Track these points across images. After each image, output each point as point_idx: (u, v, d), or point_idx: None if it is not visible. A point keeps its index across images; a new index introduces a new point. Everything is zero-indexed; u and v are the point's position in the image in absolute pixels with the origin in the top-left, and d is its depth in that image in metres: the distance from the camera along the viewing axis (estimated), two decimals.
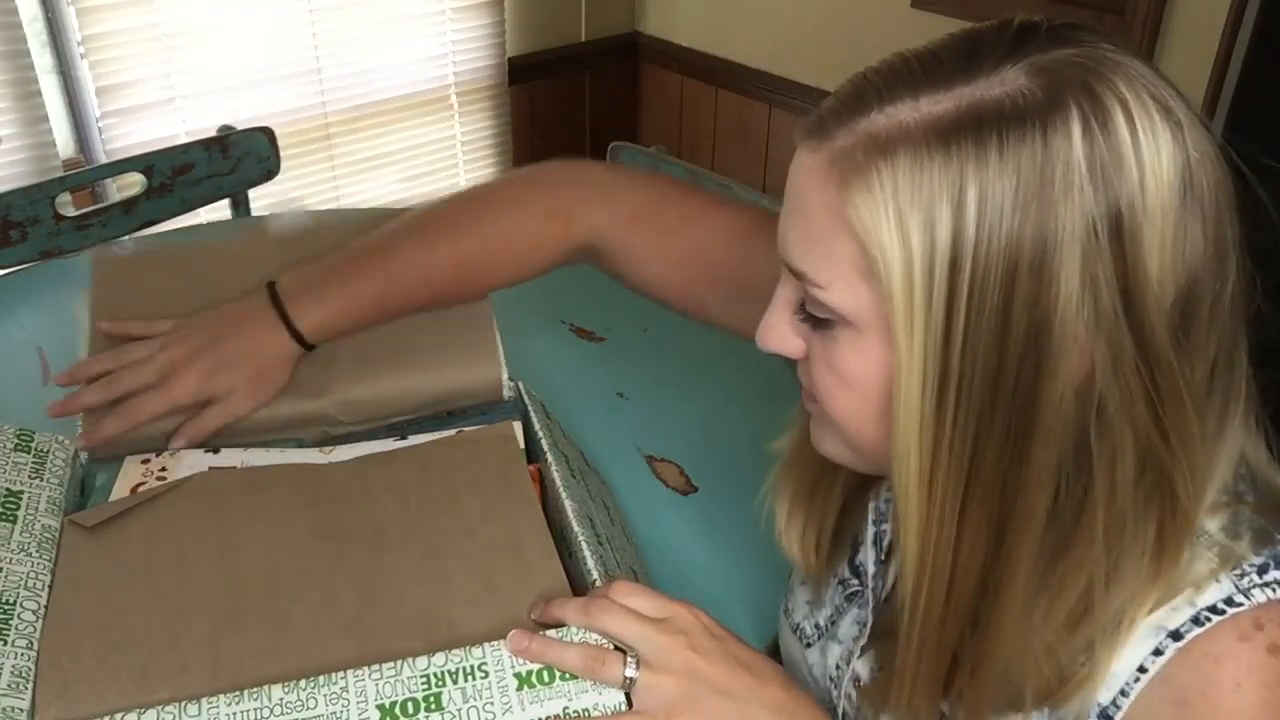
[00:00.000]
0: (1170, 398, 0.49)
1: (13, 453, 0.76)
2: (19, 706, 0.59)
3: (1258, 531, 0.53)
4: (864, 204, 0.48)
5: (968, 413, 0.50)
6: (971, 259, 0.47)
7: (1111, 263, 0.47)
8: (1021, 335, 0.48)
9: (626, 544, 0.79)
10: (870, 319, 0.51)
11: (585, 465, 0.84)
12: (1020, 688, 0.55)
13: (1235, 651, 0.51)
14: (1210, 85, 1.69)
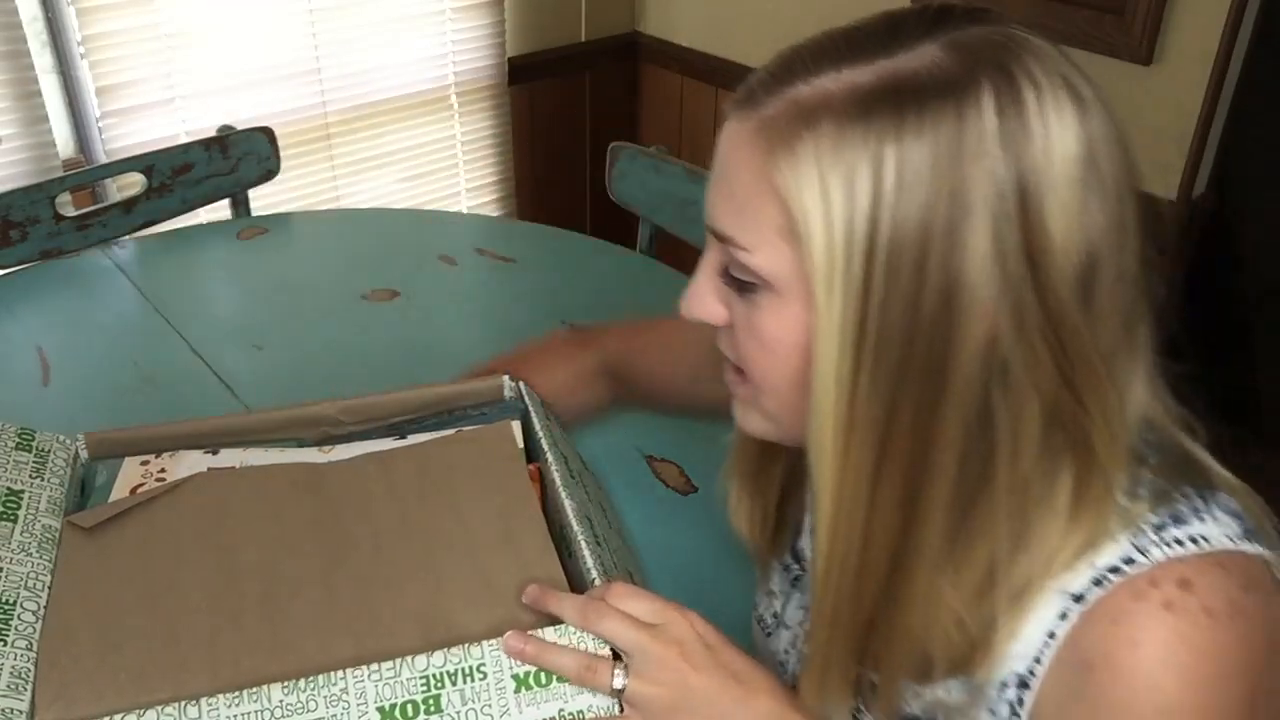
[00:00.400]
0: (1079, 360, 0.52)
1: (13, 452, 0.76)
2: (18, 708, 0.59)
3: (1156, 492, 0.55)
4: (788, 169, 0.51)
5: (882, 373, 0.51)
6: (890, 222, 0.49)
7: (1018, 228, 0.49)
8: (934, 296, 0.50)
9: (623, 546, 0.78)
10: (791, 281, 0.53)
11: (583, 467, 0.84)
12: (931, 655, 0.57)
13: (1131, 611, 0.52)
14: (1210, 85, 1.68)
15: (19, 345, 1.20)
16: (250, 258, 1.44)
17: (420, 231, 1.54)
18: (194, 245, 1.47)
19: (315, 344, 1.24)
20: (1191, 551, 0.53)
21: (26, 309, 1.28)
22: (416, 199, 2.39)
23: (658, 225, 1.53)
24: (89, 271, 1.36)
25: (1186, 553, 0.53)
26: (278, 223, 1.53)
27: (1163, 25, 1.69)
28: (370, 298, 1.33)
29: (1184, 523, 0.54)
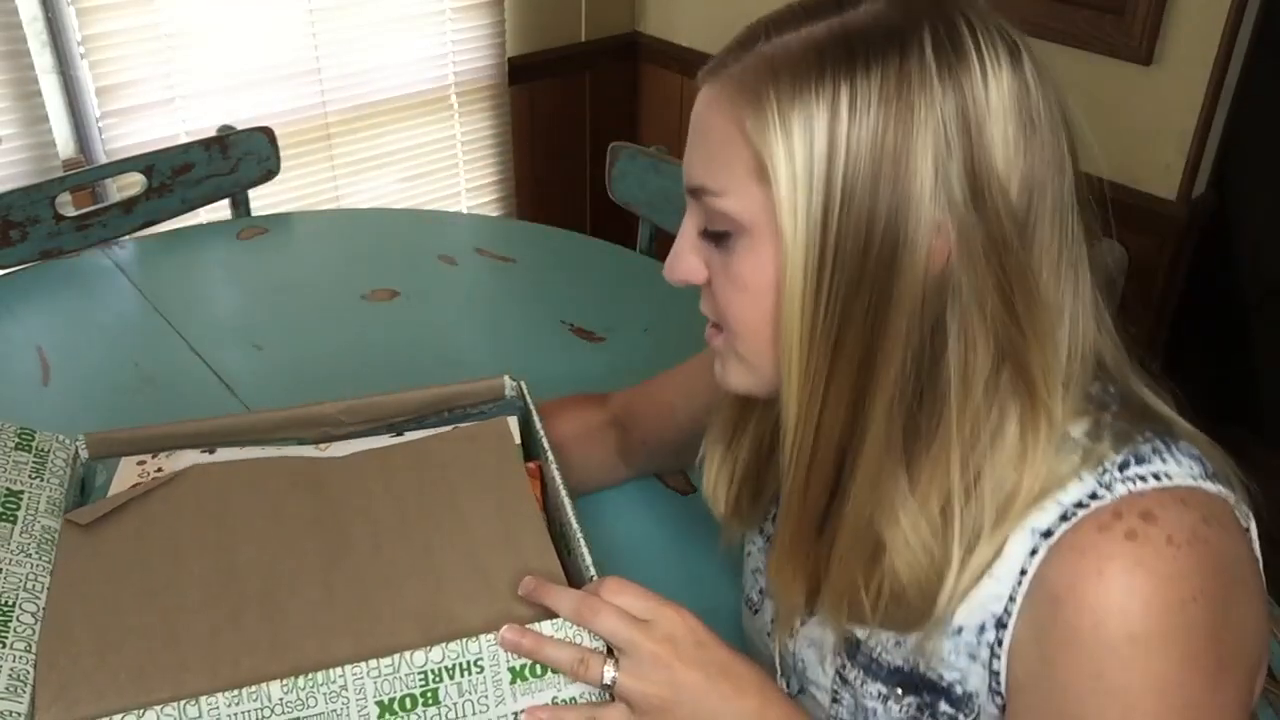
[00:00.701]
0: (1020, 287, 0.56)
1: (13, 452, 0.76)
2: (17, 709, 0.59)
3: (1118, 433, 0.58)
4: (754, 115, 0.56)
5: (839, 289, 0.56)
6: (844, 152, 0.54)
7: (960, 154, 0.54)
8: (884, 217, 0.55)
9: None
10: (761, 220, 0.58)
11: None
12: (897, 572, 0.60)
13: (1095, 542, 0.55)
14: (1210, 85, 1.68)
15: (19, 345, 1.20)
16: (250, 258, 1.44)
17: (420, 231, 1.54)
18: (194, 245, 1.47)
19: (315, 344, 1.24)
20: (1153, 486, 0.56)
21: (26, 309, 1.28)
22: (416, 199, 2.39)
23: (658, 225, 1.53)
24: (89, 271, 1.36)
25: (1149, 488, 0.56)
26: (278, 223, 1.53)
27: (1163, 25, 1.69)
28: (370, 298, 1.33)
29: (1146, 461, 0.57)
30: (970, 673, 0.61)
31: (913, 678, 0.64)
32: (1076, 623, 0.55)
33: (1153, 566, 0.54)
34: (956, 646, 0.61)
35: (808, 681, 0.71)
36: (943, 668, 0.62)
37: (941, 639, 0.61)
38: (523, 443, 0.81)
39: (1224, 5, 1.63)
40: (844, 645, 0.67)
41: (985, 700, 0.61)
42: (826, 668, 0.69)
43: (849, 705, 0.68)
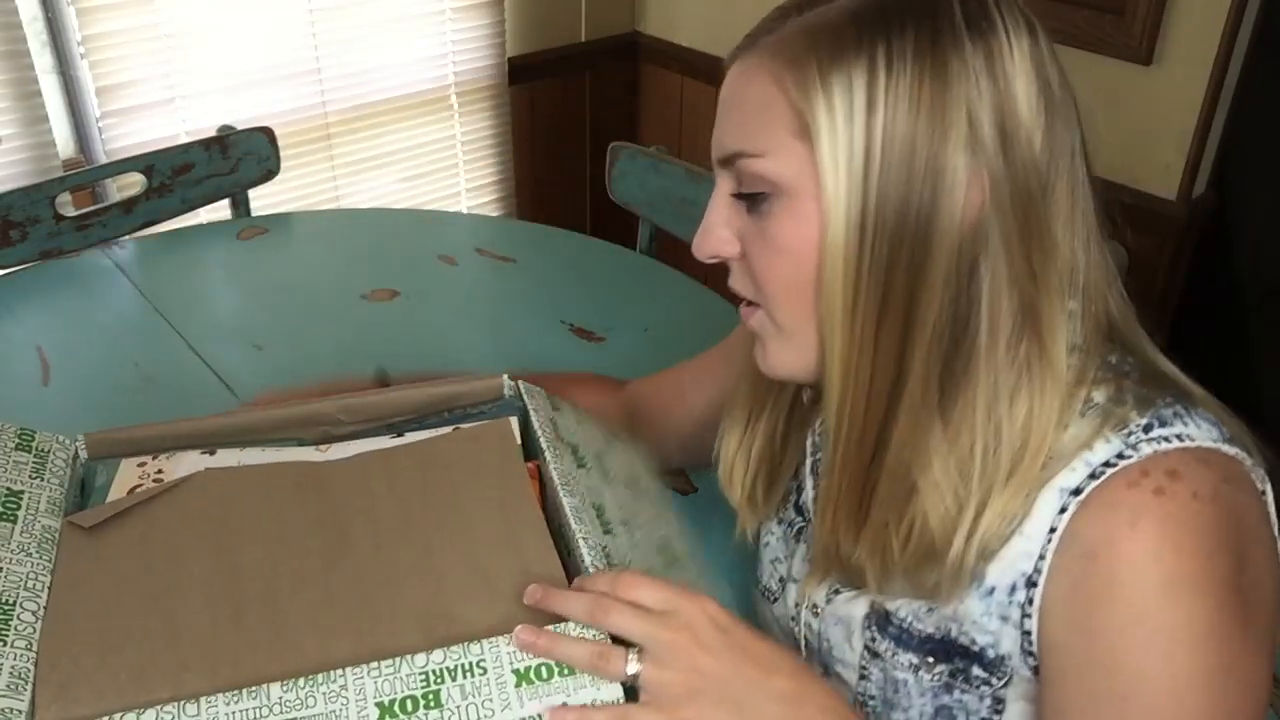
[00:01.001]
0: (1038, 240, 0.59)
1: (13, 452, 0.76)
2: (17, 708, 0.59)
3: (1140, 398, 0.61)
4: (795, 77, 0.59)
5: (881, 243, 0.58)
6: (883, 107, 0.57)
7: (990, 105, 0.57)
8: (922, 167, 0.57)
9: (656, 518, 0.78)
10: (802, 179, 0.59)
11: (606, 445, 0.84)
12: (928, 521, 0.62)
13: (1126, 498, 0.58)
14: (1210, 85, 1.68)
15: (19, 345, 1.20)
16: (250, 258, 1.44)
17: (420, 231, 1.54)
18: (194, 245, 1.47)
19: (315, 344, 1.24)
20: (1176, 447, 0.58)
21: (26, 309, 1.28)
22: (416, 199, 2.39)
23: (658, 225, 1.53)
24: (89, 271, 1.36)
25: (1172, 448, 0.58)
26: (278, 223, 1.53)
27: (1163, 25, 1.69)
28: (370, 298, 1.33)
29: (1168, 424, 0.59)
30: (1002, 635, 0.62)
31: (944, 645, 0.65)
32: (1113, 572, 0.57)
33: (1181, 519, 0.56)
34: (988, 608, 0.62)
35: (833, 661, 0.71)
36: (975, 631, 0.63)
37: (972, 599, 0.63)
38: (522, 443, 0.81)
39: (1224, 5, 1.63)
40: (874, 618, 0.68)
41: (1018, 662, 0.62)
42: (854, 643, 0.69)
43: (878, 680, 0.68)
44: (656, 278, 1.41)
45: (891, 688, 0.67)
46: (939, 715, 0.66)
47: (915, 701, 0.66)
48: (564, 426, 0.83)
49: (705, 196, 0.66)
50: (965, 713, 0.65)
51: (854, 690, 0.70)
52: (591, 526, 0.71)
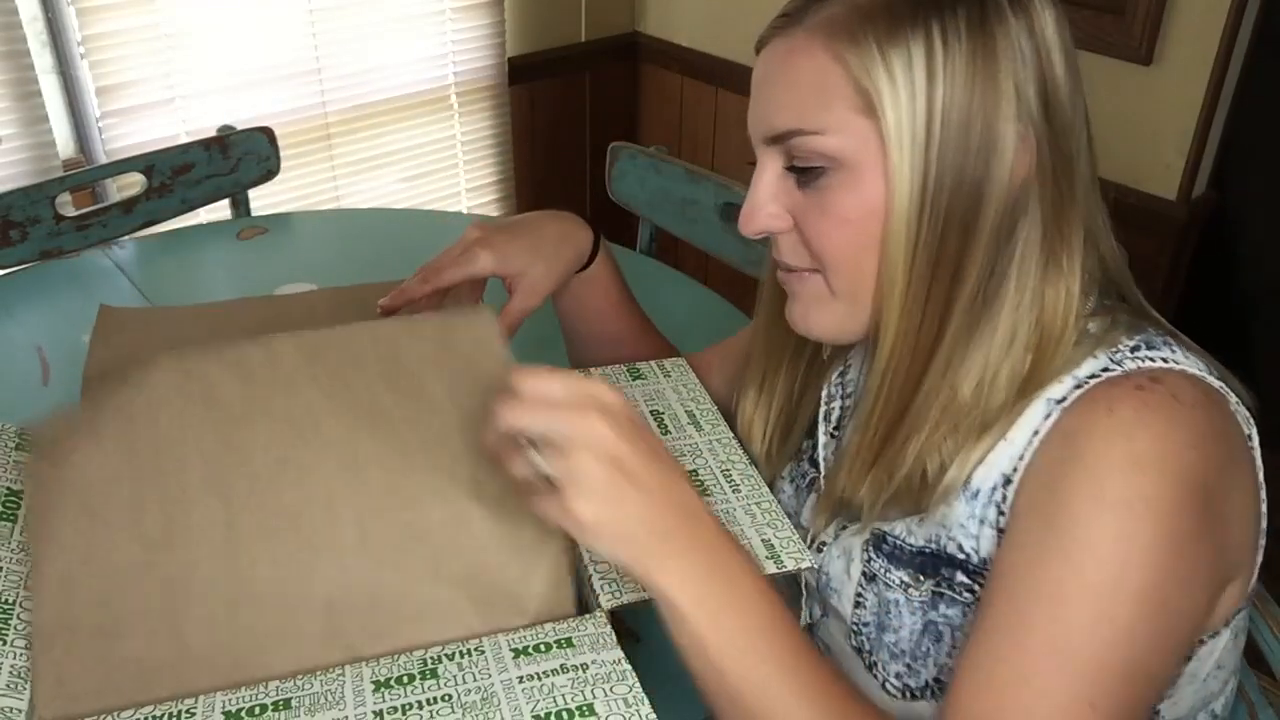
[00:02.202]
0: (1068, 199, 0.64)
1: (13, 452, 0.76)
2: (18, 707, 0.59)
3: (1130, 325, 0.65)
4: (854, 53, 0.61)
5: (940, 206, 0.61)
6: (942, 80, 0.60)
7: (1033, 73, 0.61)
8: (977, 136, 0.61)
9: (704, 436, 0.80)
10: (863, 153, 0.62)
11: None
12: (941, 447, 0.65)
13: (1107, 391, 0.61)
14: (1210, 85, 1.68)
15: (19, 345, 1.20)
16: (250, 258, 1.44)
17: (420, 231, 1.54)
18: (194, 245, 1.47)
19: None
20: (1161, 365, 0.62)
21: (26, 309, 1.28)
22: (416, 199, 2.39)
23: (658, 225, 1.53)
24: (89, 271, 1.36)
25: (1157, 365, 0.62)
26: (278, 223, 1.53)
27: (1163, 25, 1.68)
28: None
29: (1156, 349, 0.63)
30: (982, 538, 0.65)
31: (933, 558, 0.67)
32: (1084, 447, 0.59)
33: (1159, 410, 0.59)
34: (972, 511, 0.65)
35: (830, 593, 0.74)
36: (961, 535, 0.65)
37: (959, 502, 0.65)
38: None
39: (1224, 5, 1.63)
40: (871, 541, 0.70)
41: (995, 558, 0.63)
42: (853, 572, 0.72)
43: (871, 605, 0.71)
44: (656, 278, 1.41)
45: (884, 610, 0.70)
46: (925, 632, 0.68)
47: (905, 621, 0.69)
48: None
49: (705, 197, 0.66)
50: (950, 628, 0.67)
51: (849, 620, 0.72)
52: None
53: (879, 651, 0.71)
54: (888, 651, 0.70)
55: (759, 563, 0.69)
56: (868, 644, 0.72)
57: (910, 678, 0.69)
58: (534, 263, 0.87)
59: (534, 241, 0.88)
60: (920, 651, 0.69)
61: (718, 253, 1.44)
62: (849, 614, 0.72)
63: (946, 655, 0.68)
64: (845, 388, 0.79)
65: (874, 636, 0.71)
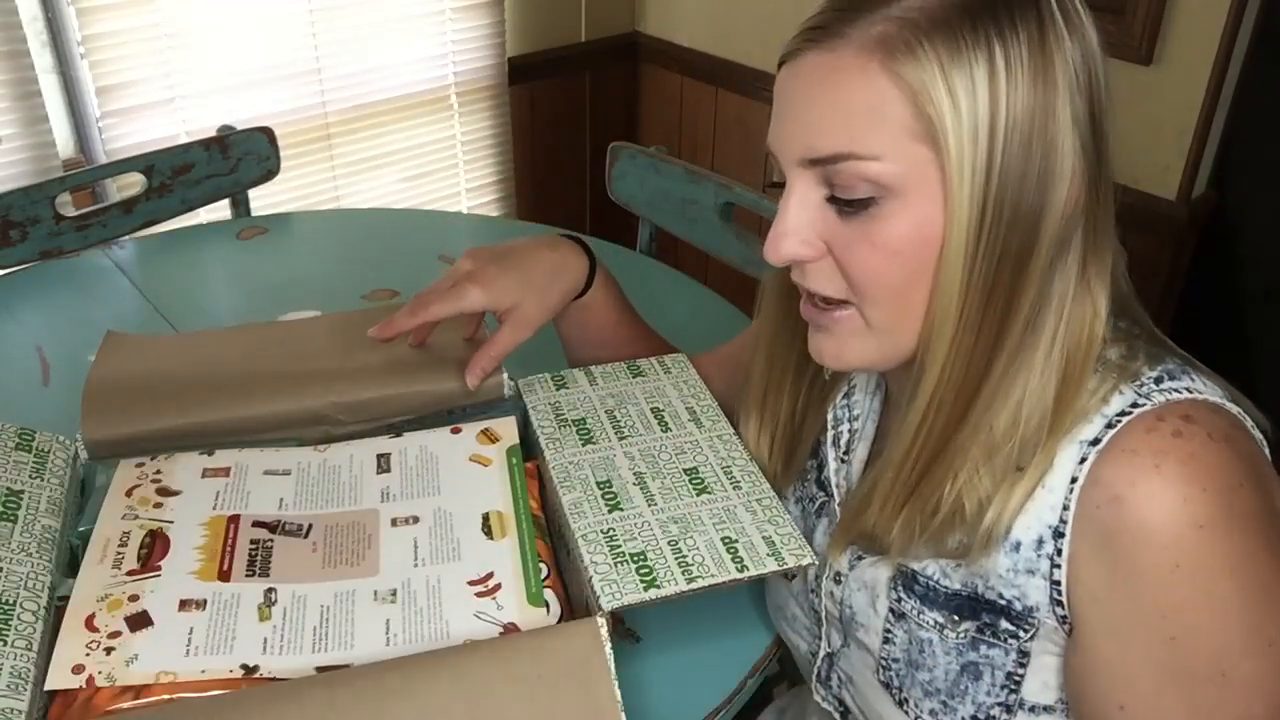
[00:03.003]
0: (1105, 225, 0.63)
1: (13, 452, 0.76)
2: (18, 708, 0.59)
3: (1150, 355, 0.63)
4: (913, 73, 0.57)
5: (996, 238, 0.59)
6: (1005, 106, 0.57)
7: (1085, 98, 0.59)
8: (1037, 165, 0.58)
9: (686, 445, 0.80)
10: (917, 180, 0.59)
11: (627, 385, 0.86)
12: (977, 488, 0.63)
13: (1146, 441, 0.59)
14: (1210, 85, 1.68)
15: (19, 345, 1.20)
16: (250, 258, 1.44)
17: (420, 231, 1.54)
18: (194, 245, 1.47)
19: None
20: (1187, 397, 0.61)
21: (26, 309, 1.28)
22: (416, 199, 2.39)
23: (658, 225, 1.53)
24: (89, 271, 1.36)
25: (1183, 398, 0.60)
26: (278, 223, 1.53)
27: (1163, 25, 1.69)
28: (370, 298, 1.33)
29: (1177, 379, 0.62)
30: (1029, 587, 0.63)
31: (971, 601, 0.66)
32: (1144, 517, 0.58)
33: (1202, 458, 0.58)
34: (1015, 564, 0.63)
35: (855, 627, 0.72)
36: (1001, 586, 0.64)
37: (998, 554, 0.64)
38: (522, 441, 0.81)
39: (1224, 5, 1.63)
40: (899, 579, 0.68)
41: (1045, 613, 0.63)
42: (879, 607, 0.70)
43: (902, 642, 0.69)
44: (656, 278, 1.41)
45: (916, 648, 0.68)
46: (965, 672, 0.66)
47: (940, 660, 0.67)
48: (569, 402, 0.83)
49: (705, 197, 0.65)
50: (991, 668, 0.65)
51: (877, 655, 0.70)
52: (593, 516, 0.71)
53: (911, 689, 0.69)
54: (921, 689, 0.68)
55: (761, 561, 0.68)
56: (897, 680, 0.69)
57: (945, 714, 0.68)
58: (526, 297, 0.85)
59: (526, 275, 0.86)
60: (958, 690, 0.67)
61: (718, 253, 1.44)
62: (877, 649, 0.70)
63: (985, 694, 0.66)
64: (851, 409, 0.77)
65: (905, 673, 0.69)
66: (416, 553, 0.72)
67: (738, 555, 0.69)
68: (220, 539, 0.72)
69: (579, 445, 0.77)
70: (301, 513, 0.75)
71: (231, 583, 0.69)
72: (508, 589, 0.69)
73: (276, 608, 0.67)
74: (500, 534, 0.73)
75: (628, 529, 0.70)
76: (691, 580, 0.67)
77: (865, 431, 0.76)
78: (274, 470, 0.78)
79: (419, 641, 0.65)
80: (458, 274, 0.85)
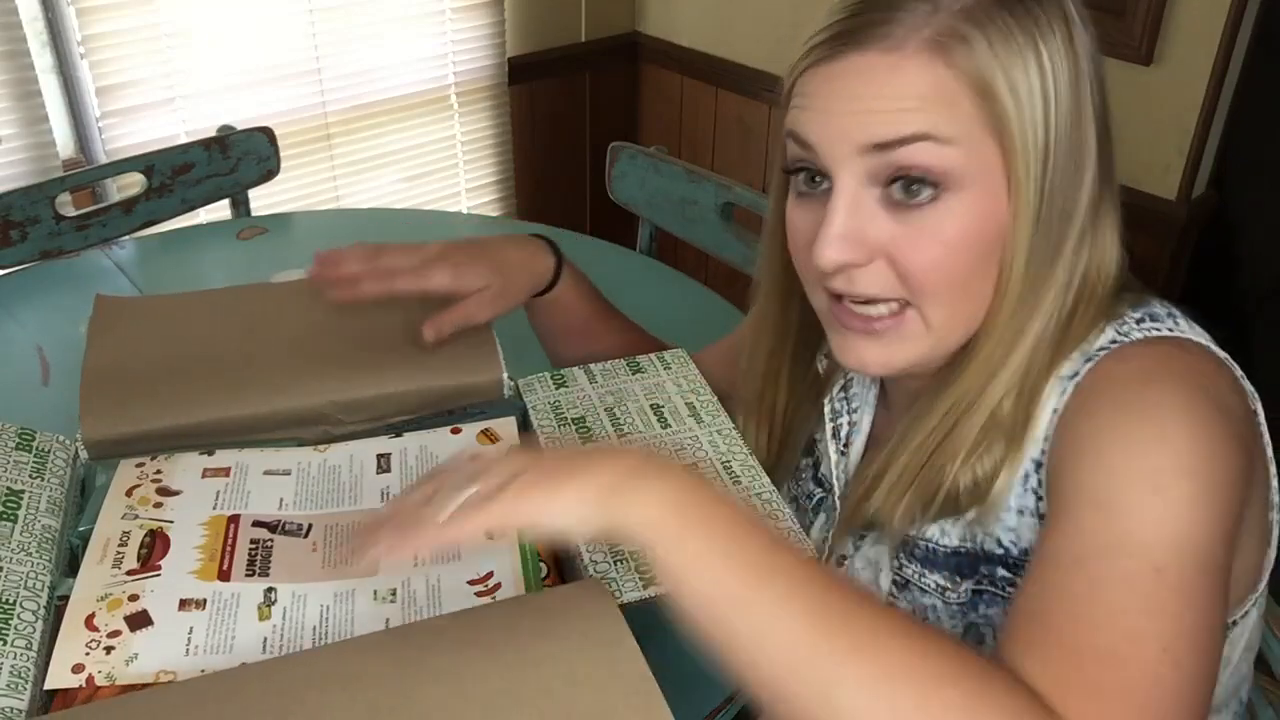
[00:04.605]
0: (1108, 201, 0.65)
1: (14, 452, 0.76)
2: (18, 707, 0.59)
3: (1135, 301, 0.65)
4: (975, 66, 0.59)
5: (1047, 224, 0.61)
6: (1054, 98, 0.59)
7: (1099, 90, 0.63)
8: (1077, 153, 0.61)
9: (685, 441, 0.79)
10: (981, 172, 0.60)
11: (626, 381, 0.86)
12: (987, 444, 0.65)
13: (1116, 352, 0.62)
14: (1210, 85, 1.68)
15: (19, 345, 1.20)
16: (250, 258, 1.44)
17: (420, 231, 1.54)
18: (194, 245, 1.47)
19: None
20: (1168, 334, 0.62)
21: (26, 309, 1.28)
22: (416, 199, 2.39)
23: (658, 225, 1.53)
24: (89, 271, 1.36)
25: (1163, 334, 0.62)
26: (278, 223, 1.53)
27: (1163, 25, 1.69)
28: None
29: (1160, 320, 0.63)
30: (1023, 528, 0.64)
31: (970, 557, 0.66)
32: (1098, 384, 0.61)
33: (1169, 351, 0.61)
34: (1008, 503, 0.64)
35: None
36: (998, 529, 0.65)
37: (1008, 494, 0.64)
38: (522, 443, 0.81)
39: (1224, 5, 1.63)
40: (901, 546, 0.69)
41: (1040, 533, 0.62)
42: (882, 581, 0.71)
43: (906, 610, 0.69)
44: (656, 278, 1.41)
45: (921, 616, 0.68)
46: (967, 634, 0.67)
47: (945, 625, 0.67)
48: (569, 400, 0.83)
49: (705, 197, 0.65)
50: (991, 628, 0.66)
51: None
52: None
53: None
54: None
55: None
56: None
57: None
58: (491, 282, 0.86)
59: (492, 265, 0.86)
60: None
61: (718, 253, 1.44)
62: None
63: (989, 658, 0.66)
64: (850, 403, 0.77)
65: None
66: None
67: None
68: (220, 539, 0.72)
69: (579, 444, 0.77)
70: (301, 512, 0.75)
71: (231, 582, 0.69)
72: (507, 588, 0.69)
73: (276, 607, 0.67)
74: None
75: None
76: None
77: (862, 424, 0.77)
78: (274, 470, 0.78)
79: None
80: (426, 255, 0.84)
